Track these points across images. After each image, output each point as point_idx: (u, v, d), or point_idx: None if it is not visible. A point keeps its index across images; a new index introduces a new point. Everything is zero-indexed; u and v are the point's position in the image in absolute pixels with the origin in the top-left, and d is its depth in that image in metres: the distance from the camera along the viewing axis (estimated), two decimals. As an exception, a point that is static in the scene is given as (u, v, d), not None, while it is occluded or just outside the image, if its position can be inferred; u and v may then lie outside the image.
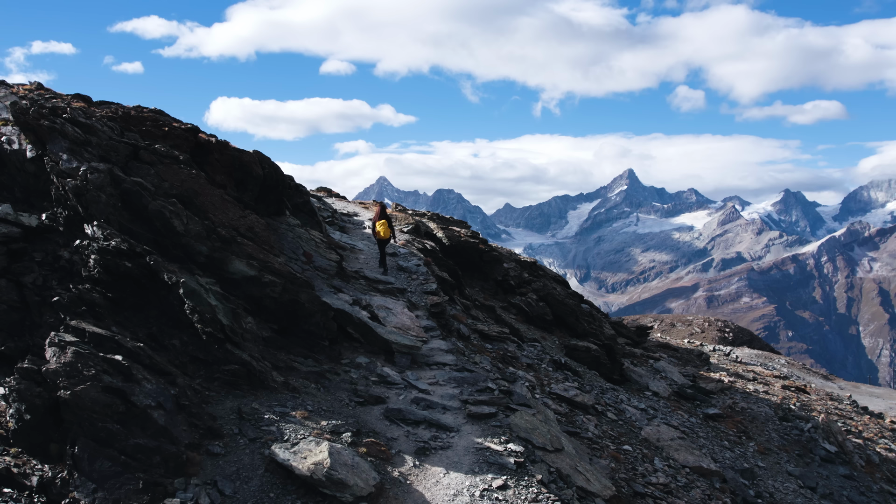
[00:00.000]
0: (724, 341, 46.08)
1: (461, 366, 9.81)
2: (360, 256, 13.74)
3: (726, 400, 19.47)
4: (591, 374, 15.62)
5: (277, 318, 9.04)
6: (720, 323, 52.70)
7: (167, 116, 11.13)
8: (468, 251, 17.22)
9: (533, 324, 15.98)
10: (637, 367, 19.55)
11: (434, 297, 11.71)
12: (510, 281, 17.04)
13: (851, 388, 35.79)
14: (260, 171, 11.30)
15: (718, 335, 48.56)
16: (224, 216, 9.16)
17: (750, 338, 50.07)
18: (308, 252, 11.72)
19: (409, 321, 10.41)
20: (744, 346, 44.01)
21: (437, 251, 15.45)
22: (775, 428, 18.46)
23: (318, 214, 14.27)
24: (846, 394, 29.29)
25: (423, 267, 13.22)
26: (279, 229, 12.08)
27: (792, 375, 33.28)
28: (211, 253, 8.90)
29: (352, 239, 15.33)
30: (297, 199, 13.69)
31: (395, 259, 13.86)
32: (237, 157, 10.91)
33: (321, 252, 12.03)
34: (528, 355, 13.37)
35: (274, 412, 7.36)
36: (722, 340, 46.53)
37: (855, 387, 37.80)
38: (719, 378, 22.17)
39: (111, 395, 6.24)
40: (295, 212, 13.51)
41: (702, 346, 36.75)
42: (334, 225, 15.97)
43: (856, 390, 36.21)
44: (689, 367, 26.07)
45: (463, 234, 17.92)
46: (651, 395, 17.50)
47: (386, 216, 14.27)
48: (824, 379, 37.80)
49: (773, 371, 32.42)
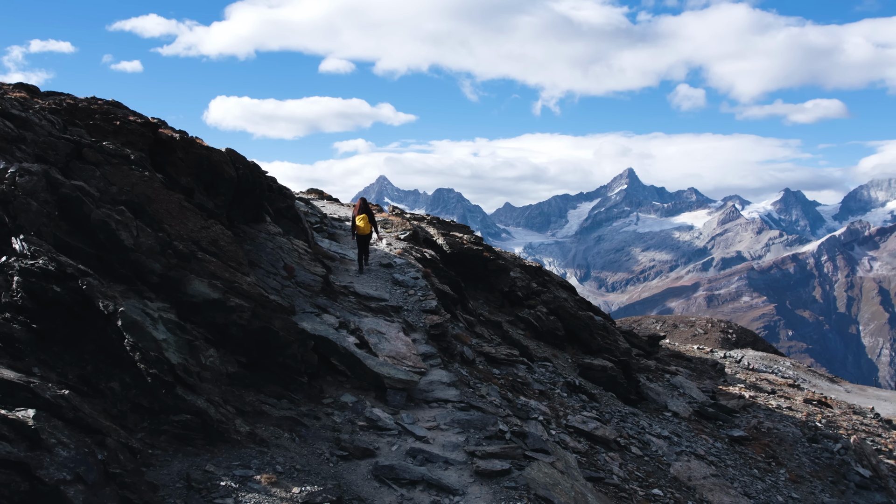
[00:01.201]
0: (727, 343, 45.56)
1: (466, 402, 8.32)
2: (351, 268, 12.23)
3: (750, 419, 18.02)
4: (608, 395, 14.15)
5: (246, 350, 7.54)
6: (723, 324, 52.26)
7: (124, 109, 9.62)
8: (471, 260, 15.71)
9: (543, 340, 14.49)
10: (653, 384, 18.08)
11: (434, 317, 10.21)
12: (517, 292, 15.54)
13: (858, 390, 35.04)
14: (233, 172, 9.78)
15: (722, 336, 48.16)
16: (182, 227, 7.66)
17: (753, 339, 49.80)
18: (289, 265, 10.21)
19: (404, 348, 8.91)
20: (747, 347, 42.44)
21: (436, 261, 13.93)
22: (805, 451, 17.00)
23: (305, 220, 12.75)
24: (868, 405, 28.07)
25: (422, 280, 11.71)
26: (257, 239, 10.57)
27: (798, 378, 32.68)
28: (166, 272, 7.39)
29: (342, 248, 13.80)
30: (280, 204, 12.18)
31: (390, 271, 12.34)
32: (205, 157, 9.40)
33: (305, 265, 10.52)
34: (540, 379, 11.89)
35: (233, 476, 5.86)
36: (725, 342, 46.08)
37: (861, 389, 37.32)
38: (739, 393, 20.74)
39: (9, 472, 4.73)
40: (277, 218, 12.00)
41: (712, 352, 35.76)
42: (323, 232, 14.44)
43: (862, 393, 35.68)
44: (705, 378, 24.65)
45: (465, 241, 16.40)
46: (671, 415, 16.03)
47: (367, 210, 13.41)
48: (830, 381, 37.41)
49: (787, 379, 31.40)
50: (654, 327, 50.54)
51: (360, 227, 13.05)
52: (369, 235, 13.45)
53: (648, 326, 51.28)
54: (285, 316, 7.69)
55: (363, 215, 13.18)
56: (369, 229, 13.27)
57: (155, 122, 9.30)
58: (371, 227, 13.32)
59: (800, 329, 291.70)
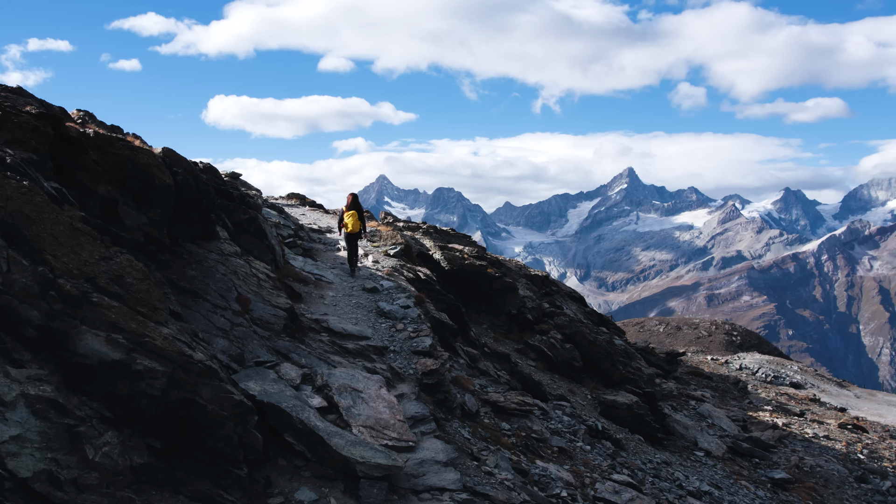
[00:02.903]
0: (731, 345, 44.91)
1: (469, 487, 6.18)
2: (328, 293, 10.02)
3: (788, 454, 15.92)
4: (634, 439, 12.01)
5: (160, 431, 5.37)
6: (727, 326, 51.24)
7: (28, 97, 7.45)
8: (473, 277, 13.47)
9: (558, 371, 12.30)
10: (679, 414, 15.96)
11: (427, 361, 8.04)
12: (527, 314, 13.34)
13: (867, 395, 33.95)
14: (168, 178, 7.59)
15: (726, 339, 47.41)
16: (74, 258, 5.49)
17: (758, 341, 49.06)
18: (244, 296, 8.03)
19: (387, 411, 6.74)
20: (752, 350, 40.93)
21: (432, 282, 11.70)
22: (854, 493, 14.89)
23: (272, 235, 10.52)
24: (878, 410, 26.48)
25: (414, 308, 9.50)
26: (205, 261, 8.38)
27: (806, 384, 31.45)
28: (47, 322, 5.23)
29: (320, 266, 11.58)
30: (241, 216, 9.97)
31: (375, 298, 10.12)
32: (130, 159, 7.23)
33: (265, 294, 8.34)
34: (558, 429, 9.74)
35: None
36: (730, 344, 45.48)
37: (871, 395, 36.74)
38: (772, 421, 18.66)
39: None
40: (237, 233, 9.79)
41: (727, 363, 34.19)
42: (297, 247, 12.22)
43: (872, 398, 34.90)
44: (729, 399, 22.59)
45: (466, 255, 14.18)
46: (703, 455, 13.91)
47: (357, 206, 12.73)
48: (839, 386, 36.60)
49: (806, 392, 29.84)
50: (657, 329, 49.41)
51: (347, 226, 12.37)
52: (359, 234, 12.77)
53: (651, 329, 50.10)
54: (217, 382, 5.51)
55: (352, 212, 12.50)
56: (359, 227, 12.60)
57: (57, 113, 7.10)
58: (361, 226, 12.63)
59: (800, 328, 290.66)
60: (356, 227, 12.53)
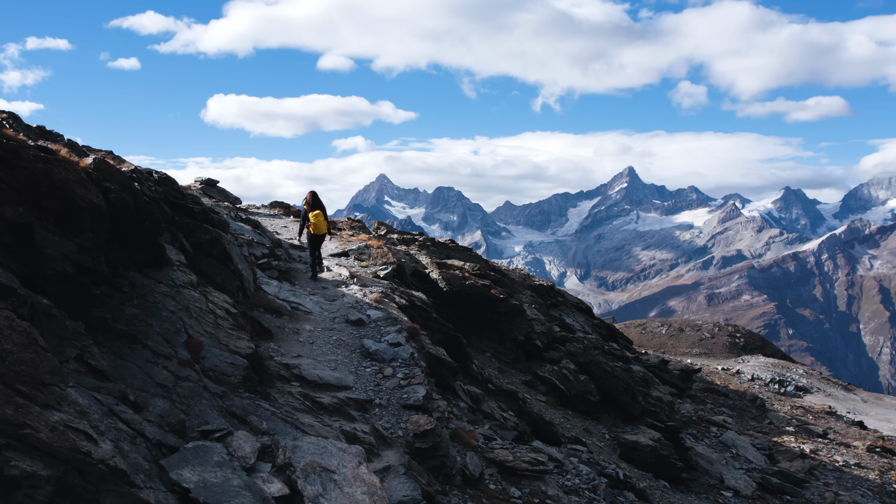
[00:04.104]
0: (735, 347, 44.39)
1: None
2: (305, 327, 8.42)
3: (822, 489, 14.48)
4: (660, 486, 10.54)
5: (46, 559, 3.88)
6: (730, 328, 50.60)
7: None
8: (475, 300, 11.87)
9: (571, 406, 10.79)
10: (701, 444, 14.50)
11: (421, 419, 6.53)
12: (536, 341, 11.80)
13: (874, 399, 33.25)
14: (95, 197, 6.08)
15: (729, 341, 46.79)
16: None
17: (761, 343, 48.48)
18: (196, 339, 6.52)
19: (366, 499, 5.25)
20: (755, 351, 39.84)
21: (428, 309, 10.08)
22: (897, 535, 13.45)
23: (239, 258, 8.83)
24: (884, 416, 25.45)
25: (406, 346, 7.93)
26: (150, 295, 6.87)
27: (812, 388, 30.87)
28: None
29: (297, 293, 9.93)
30: (202, 236, 8.37)
31: (360, 333, 8.55)
32: (44, 174, 5.73)
33: (223, 335, 6.82)
34: (576, 486, 8.25)
35: None
36: (733, 346, 44.91)
37: (878, 398, 34.07)
38: (799, 449, 17.24)
39: None
40: (197, 256, 8.24)
41: (738, 373, 33.05)
42: (272, 269, 10.67)
43: (879, 403, 32.47)
44: (748, 419, 21.18)
45: (467, 273, 12.63)
46: (731, 496, 12.46)
47: (320, 205, 12.04)
48: (845, 390, 36.13)
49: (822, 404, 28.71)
50: (659, 331, 48.57)
51: (313, 226, 11.72)
52: (324, 236, 12.13)
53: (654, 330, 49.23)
54: (127, 487, 4.01)
55: (318, 211, 11.88)
56: (325, 227, 11.96)
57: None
58: (327, 226, 12.03)
59: (800, 328, 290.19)
60: (323, 228, 11.79)
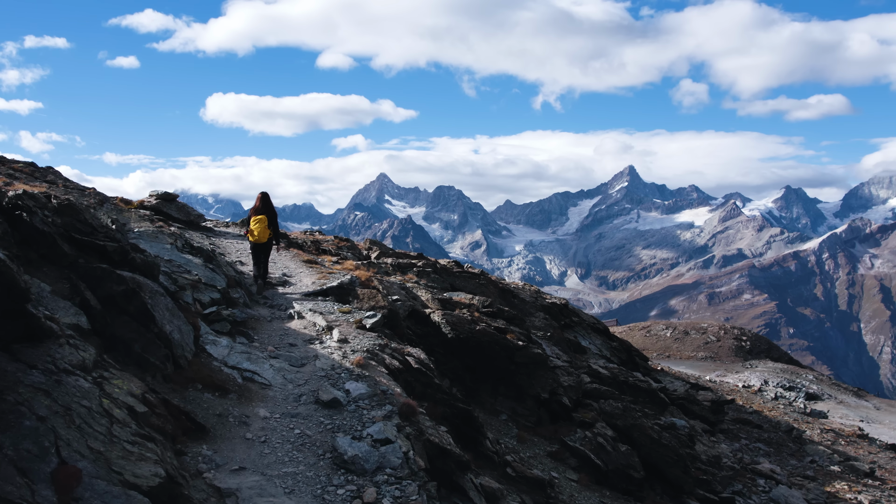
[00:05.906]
0: (741, 351, 43.71)
1: None
2: (258, 413, 6.23)
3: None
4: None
5: None
6: (736, 331, 49.76)
7: None
8: (488, 348, 10.15)
9: (608, 484, 8.74)
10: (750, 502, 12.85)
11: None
12: (562, 398, 9.86)
13: (886, 406, 33.03)
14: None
15: (735, 344, 45.98)
16: None
17: (768, 346, 47.70)
18: (70, 467, 3.84)
19: None
20: (762, 355, 39.64)
21: (429, 372, 7.99)
22: None
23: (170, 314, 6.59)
24: None
25: (398, 442, 5.78)
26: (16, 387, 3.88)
27: (823, 394, 30.59)
28: None
29: (253, 355, 7.31)
30: (114, 287, 6.17)
31: (333, 423, 6.21)
32: None
33: (117, 453, 4.21)
34: None
35: None
36: (739, 350, 44.21)
37: (890, 405, 33.68)
38: (857, 502, 15.59)
39: None
40: (109, 314, 5.96)
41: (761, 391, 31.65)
42: (223, 321, 7.93)
43: (892, 410, 31.96)
44: (786, 455, 19.67)
45: (477, 314, 10.67)
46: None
47: (269, 208, 10.27)
48: (856, 397, 33.58)
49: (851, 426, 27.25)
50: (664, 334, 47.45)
51: (252, 233, 10.10)
52: (268, 245, 10.28)
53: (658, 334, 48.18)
54: None
55: (261, 217, 10.12)
56: (267, 235, 10.14)
57: None
58: (270, 234, 10.16)
59: (801, 327, 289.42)
60: (263, 237, 10.07)
